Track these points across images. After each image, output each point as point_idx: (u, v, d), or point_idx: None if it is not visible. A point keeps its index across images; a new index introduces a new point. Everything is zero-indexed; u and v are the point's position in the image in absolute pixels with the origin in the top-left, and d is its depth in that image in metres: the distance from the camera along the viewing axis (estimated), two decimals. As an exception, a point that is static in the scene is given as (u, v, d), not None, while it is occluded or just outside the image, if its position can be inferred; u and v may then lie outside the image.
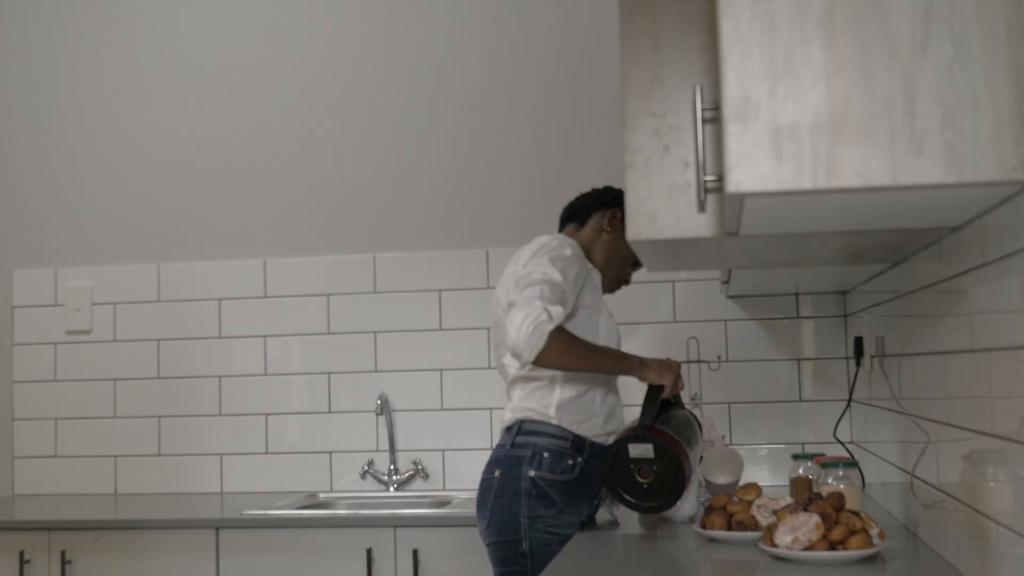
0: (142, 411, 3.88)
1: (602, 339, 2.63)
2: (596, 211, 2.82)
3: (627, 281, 2.89)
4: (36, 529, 3.28)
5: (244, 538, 3.17)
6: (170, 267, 3.92)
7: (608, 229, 2.79)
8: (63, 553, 3.24)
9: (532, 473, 2.51)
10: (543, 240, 2.67)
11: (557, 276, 2.54)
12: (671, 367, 2.58)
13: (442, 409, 3.71)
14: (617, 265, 2.82)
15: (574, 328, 2.54)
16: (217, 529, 3.19)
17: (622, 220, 2.76)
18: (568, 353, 2.47)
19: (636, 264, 2.86)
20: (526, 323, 2.43)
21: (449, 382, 3.71)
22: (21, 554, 3.26)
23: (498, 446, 2.63)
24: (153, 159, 3.97)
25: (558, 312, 2.47)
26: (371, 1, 3.89)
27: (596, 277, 2.75)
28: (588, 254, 2.77)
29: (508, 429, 2.61)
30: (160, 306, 3.91)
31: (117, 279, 3.94)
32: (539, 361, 2.45)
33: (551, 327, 2.43)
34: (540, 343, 2.42)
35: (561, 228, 2.86)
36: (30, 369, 3.96)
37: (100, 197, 3.99)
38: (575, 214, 2.85)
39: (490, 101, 3.77)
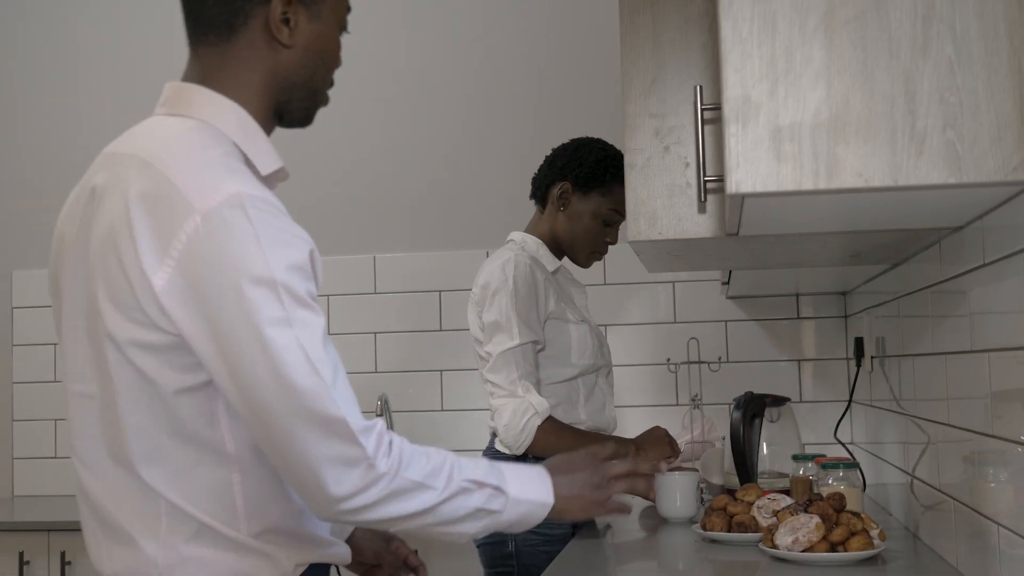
0: (142, 412, 3.87)
1: (574, 351, 2.60)
2: (550, 188, 2.67)
3: (605, 249, 2.72)
4: (36, 530, 3.28)
5: (244, 539, 3.17)
6: (170, 268, 3.91)
7: (562, 207, 2.65)
8: (63, 554, 3.24)
9: None
10: (484, 278, 2.58)
11: (518, 337, 2.49)
12: (661, 437, 2.66)
13: (442, 410, 3.71)
14: (583, 238, 2.66)
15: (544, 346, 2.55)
16: (217, 530, 3.19)
17: (576, 189, 2.63)
18: (558, 447, 2.47)
19: (609, 225, 2.67)
20: (513, 420, 2.47)
21: (449, 383, 3.71)
22: (21, 555, 3.26)
23: (486, 449, 2.65)
24: (153, 159, 3.96)
25: (543, 406, 2.48)
26: (371, 1, 3.89)
27: (563, 276, 2.69)
28: (555, 238, 2.67)
29: (495, 433, 2.61)
30: (160, 307, 3.90)
31: (117, 280, 3.93)
32: (530, 452, 2.51)
33: (538, 422, 2.47)
34: (528, 440, 2.48)
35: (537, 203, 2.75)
36: (29, 370, 3.95)
37: (100, 197, 3.99)
38: (534, 193, 2.74)
39: (490, 101, 3.77)
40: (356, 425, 1.35)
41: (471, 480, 1.48)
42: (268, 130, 1.54)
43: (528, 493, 1.53)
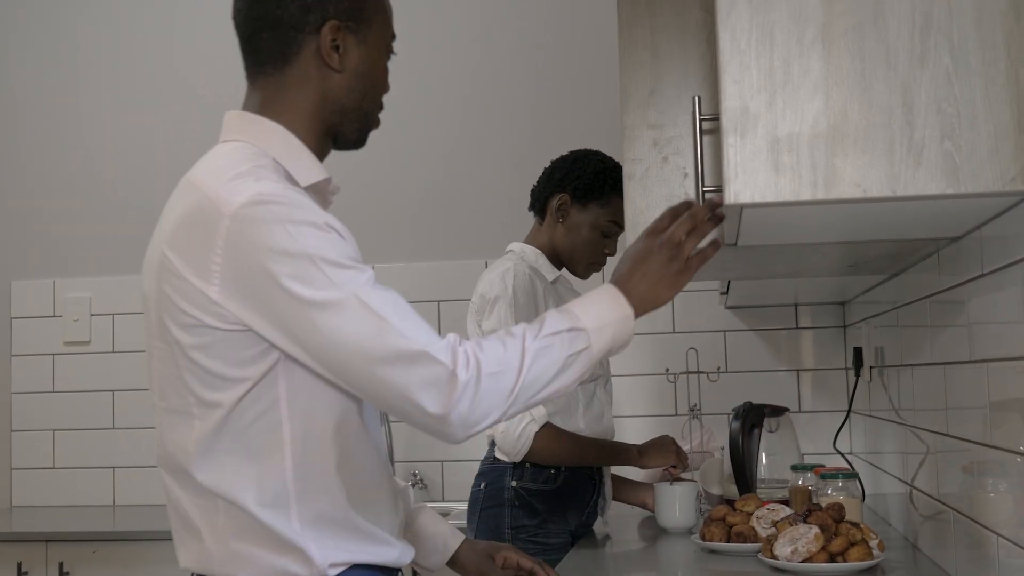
0: (141, 422, 3.86)
1: None
2: (548, 200, 2.69)
3: (604, 261, 2.72)
4: (34, 541, 3.27)
5: (242, 549, 3.16)
6: (169, 278, 3.91)
7: (560, 219, 2.66)
8: (61, 565, 3.23)
9: (514, 483, 2.53)
10: (483, 288, 2.58)
11: None
12: (667, 445, 2.66)
13: (441, 420, 3.70)
14: (583, 250, 2.66)
15: None
16: (215, 540, 3.18)
17: (575, 201, 2.65)
18: (557, 453, 2.51)
19: (608, 236, 2.68)
20: (510, 427, 2.47)
21: (448, 393, 3.70)
22: (19, 566, 3.25)
23: (484, 459, 2.65)
24: (152, 168, 3.96)
25: (540, 412, 2.48)
26: (370, 12, 3.89)
27: (562, 286, 2.69)
28: (554, 249, 2.68)
29: (493, 442, 2.61)
30: (159, 317, 3.90)
31: (116, 289, 3.93)
32: (529, 459, 2.51)
33: (535, 428, 2.47)
34: (526, 447, 2.48)
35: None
36: (28, 380, 3.95)
37: (99, 207, 3.98)
38: (533, 204, 2.75)
39: (489, 111, 3.78)
40: (431, 347, 1.40)
41: (546, 335, 1.48)
42: (323, 153, 1.63)
43: (604, 316, 1.53)
